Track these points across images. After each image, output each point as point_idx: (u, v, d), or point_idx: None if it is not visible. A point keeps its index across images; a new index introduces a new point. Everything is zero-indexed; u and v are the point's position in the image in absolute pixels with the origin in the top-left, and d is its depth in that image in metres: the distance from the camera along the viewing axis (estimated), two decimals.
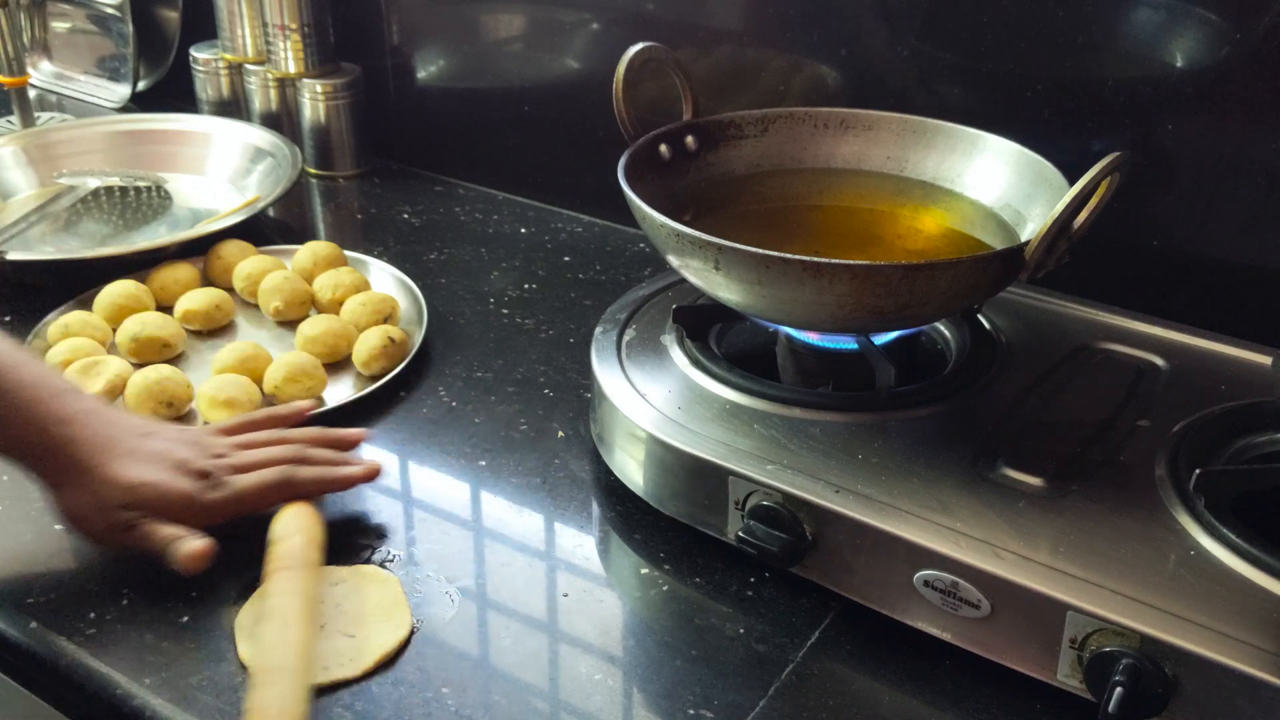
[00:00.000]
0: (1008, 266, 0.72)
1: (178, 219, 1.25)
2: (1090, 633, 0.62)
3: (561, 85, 1.25)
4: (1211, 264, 0.93)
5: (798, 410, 0.78)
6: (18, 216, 1.19)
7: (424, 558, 0.78)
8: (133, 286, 1.04)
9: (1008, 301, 0.90)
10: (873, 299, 0.71)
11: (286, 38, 1.32)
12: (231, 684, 0.67)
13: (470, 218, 1.27)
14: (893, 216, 0.89)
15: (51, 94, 1.62)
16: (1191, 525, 0.67)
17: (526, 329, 1.05)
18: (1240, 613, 0.61)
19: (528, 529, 0.81)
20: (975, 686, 0.67)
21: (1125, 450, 0.74)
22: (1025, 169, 0.85)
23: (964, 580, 0.65)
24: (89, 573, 0.76)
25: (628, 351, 0.85)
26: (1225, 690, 0.58)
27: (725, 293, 0.76)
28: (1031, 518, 0.68)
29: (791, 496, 0.71)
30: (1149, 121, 0.92)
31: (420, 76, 1.35)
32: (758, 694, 0.67)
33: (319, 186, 1.36)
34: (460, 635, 0.71)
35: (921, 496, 0.70)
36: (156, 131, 1.36)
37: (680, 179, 0.91)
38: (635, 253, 1.18)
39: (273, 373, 0.91)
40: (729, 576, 0.76)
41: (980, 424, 0.77)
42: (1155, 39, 0.90)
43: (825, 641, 0.71)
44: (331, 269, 1.07)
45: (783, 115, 0.94)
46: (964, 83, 1.00)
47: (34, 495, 0.83)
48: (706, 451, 0.74)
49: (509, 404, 0.94)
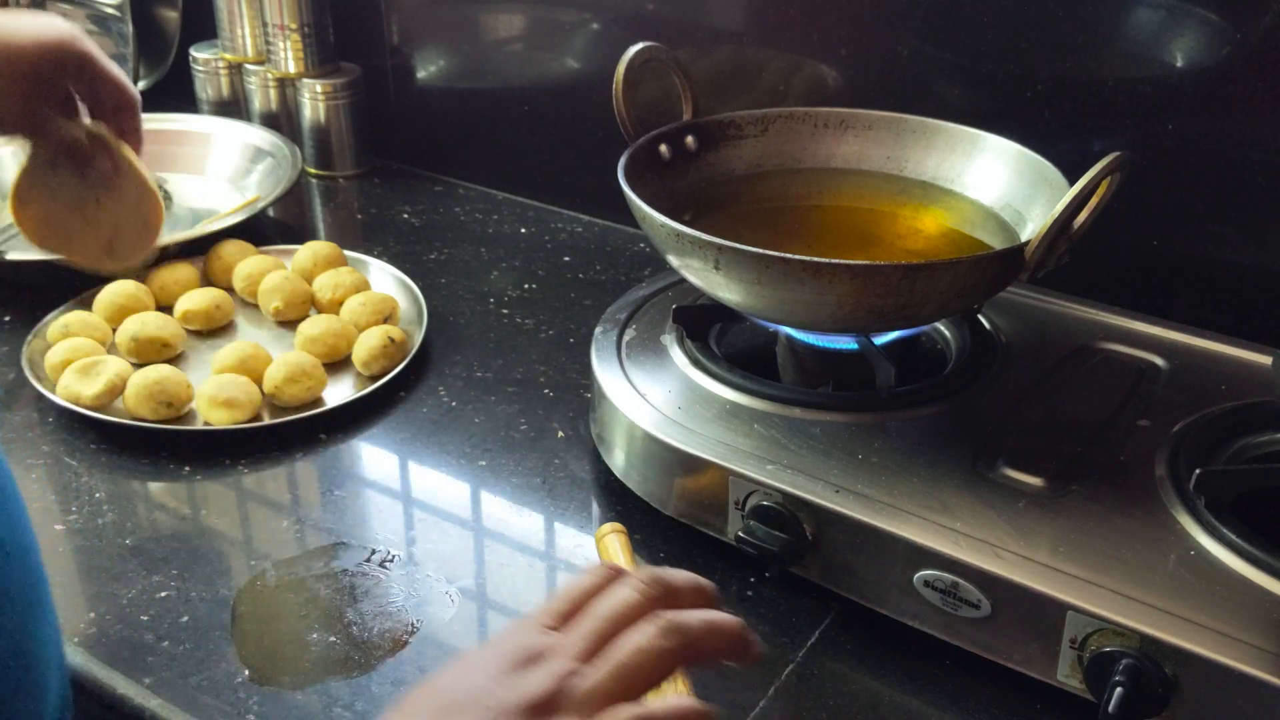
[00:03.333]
0: (1008, 266, 0.72)
1: (178, 219, 1.25)
2: (1090, 633, 0.62)
3: (561, 85, 1.25)
4: (1211, 264, 0.93)
5: (798, 410, 0.78)
6: None
7: (424, 558, 0.78)
8: (133, 286, 1.04)
9: (1008, 301, 0.90)
10: (873, 299, 0.71)
11: (286, 38, 1.31)
12: (231, 684, 0.67)
13: (470, 218, 1.27)
14: (892, 216, 0.89)
15: None
16: (1191, 525, 0.67)
17: (526, 329, 1.05)
18: (1240, 613, 0.61)
19: (528, 529, 0.81)
20: (975, 686, 0.67)
21: (1125, 450, 0.74)
22: (1025, 169, 0.85)
23: (964, 580, 0.65)
24: (89, 573, 0.76)
25: (628, 351, 0.85)
26: (1225, 690, 0.58)
27: (725, 293, 0.76)
28: (1031, 518, 0.68)
29: (791, 496, 0.71)
30: (1149, 121, 0.92)
31: (420, 76, 1.35)
32: (758, 694, 0.67)
33: (319, 186, 1.36)
34: (460, 635, 0.71)
35: (921, 496, 0.70)
36: (156, 131, 1.34)
37: (680, 179, 0.91)
38: (635, 253, 1.18)
39: (273, 373, 0.91)
40: (729, 576, 0.76)
41: (980, 424, 0.77)
42: (1155, 39, 0.90)
43: (825, 641, 0.71)
44: (331, 269, 1.07)
45: (783, 115, 0.94)
46: (964, 83, 1.00)
47: (32, 495, 0.83)
48: (706, 451, 0.74)
49: (509, 404, 0.94)
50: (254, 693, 0.67)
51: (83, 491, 0.84)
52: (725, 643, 0.50)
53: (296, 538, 0.79)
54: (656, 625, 0.49)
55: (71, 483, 0.85)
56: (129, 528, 0.81)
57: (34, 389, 0.92)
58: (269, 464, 0.87)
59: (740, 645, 0.51)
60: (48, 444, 0.89)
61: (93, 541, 0.79)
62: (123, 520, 0.81)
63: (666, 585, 0.52)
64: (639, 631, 0.49)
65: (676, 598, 0.51)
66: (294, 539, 0.79)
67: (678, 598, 0.52)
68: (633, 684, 0.48)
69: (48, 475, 0.86)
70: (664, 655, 0.48)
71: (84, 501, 0.83)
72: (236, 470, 0.86)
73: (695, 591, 0.53)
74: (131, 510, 0.83)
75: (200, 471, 0.86)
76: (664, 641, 0.48)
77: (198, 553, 0.79)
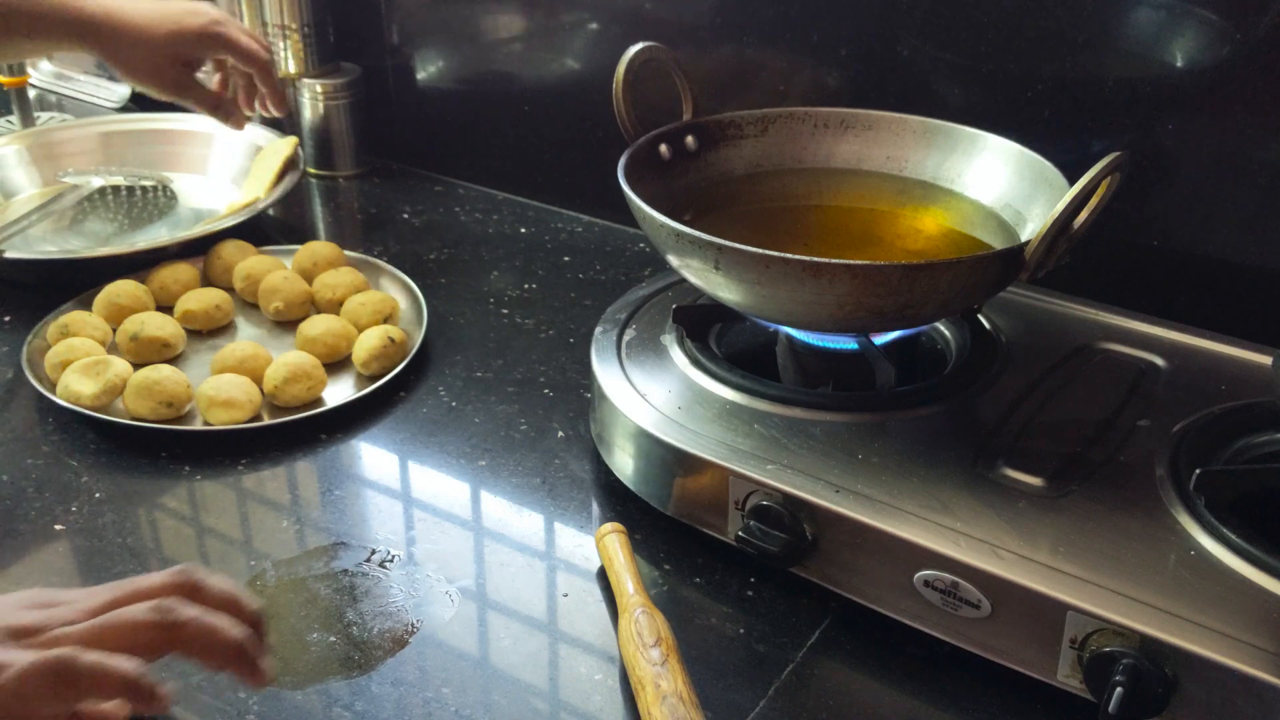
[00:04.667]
0: (1008, 266, 0.72)
1: (180, 219, 1.25)
2: (1090, 633, 0.62)
3: (561, 85, 1.25)
4: (1211, 264, 0.93)
5: (798, 410, 0.78)
6: (18, 215, 1.19)
7: (424, 558, 0.78)
8: (133, 286, 1.04)
9: (1008, 301, 0.90)
10: (873, 299, 0.71)
11: (286, 38, 1.31)
12: (231, 684, 0.67)
13: (470, 218, 1.27)
14: (893, 216, 0.89)
15: (51, 94, 1.62)
16: (1191, 525, 0.67)
17: (526, 329, 1.05)
18: (1240, 613, 0.61)
19: (527, 529, 0.81)
20: (975, 686, 0.67)
21: (1125, 450, 0.74)
22: (1025, 169, 0.85)
23: (964, 580, 0.65)
24: (89, 573, 0.76)
25: (628, 351, 0.85)
26: (1225, 690, 0.58)
27: (725, 293, 0.76)
28: (1031, 518, 0.68)
29: (791, 496, 0.71)
30: (1149, 121, 0.92)
31: (420, 76, 1.35)
32: (758, 694, 0.67)
33: (319, 186, 1.36)
34: (460, 635, 0.71)
35: (921, 496, 0.70)
36: (159, 131, 1.36)
37: (680, 179, 0.91)
38: (635, 253, 1.18)
39: (273, 373, 0.92)
40: (729, 576, 0.76)
41: (980, 424, 0.77)
42: (1155, 39, 0.90)
43: (825, 641, 0.71)
44: (331, 269, 1.07)
45: (783, 115, 0.94)
46: (964, 83, 1.00)
47: (31, 495, 0.83)
48: (706, 451, 0.74)
49: (509, 404, 0.94)
50: (254, 693, 0.67)
51: (83, 491, 0.84)
52: (218, 646, 0.55)
53: (296, 538, 0.79)
54: (152, 603, 0.55)
55: (71, 483, 0.85)
56: (129, 528, 0.81)
57: (34, 389, 0.92)
58: (269, 464, 0.87)
59: (234, 659, 0.56)
60: (48, 444, 0.89)
61: (93, 541, 0.79)
62: (123, 520, 0.81)
63: (194, 582, 0.57)
64: (136, 605, 0.55)
65: (198, 593, 0.57)
66: (294, 539, 0.79)
67: (200, 594, 0.57)
68: (105, 640, 0.53)
69: (48, 475, 0.86)
70: (142, 627, 0.54)
71: (84, 501, 0.83)
72: (236, 470, 0.86)
73: (224, 596, 0.58)
74: (131, 510, 0.83)
75: (200, 471, 0.86)
76: (150, 616, 0.54)
77: (197, 553, 0.78)
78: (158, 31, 1.02)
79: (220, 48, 1.06)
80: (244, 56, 1.08)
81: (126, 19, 1.02)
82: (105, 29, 1.01)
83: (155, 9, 1.03)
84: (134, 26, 1.02)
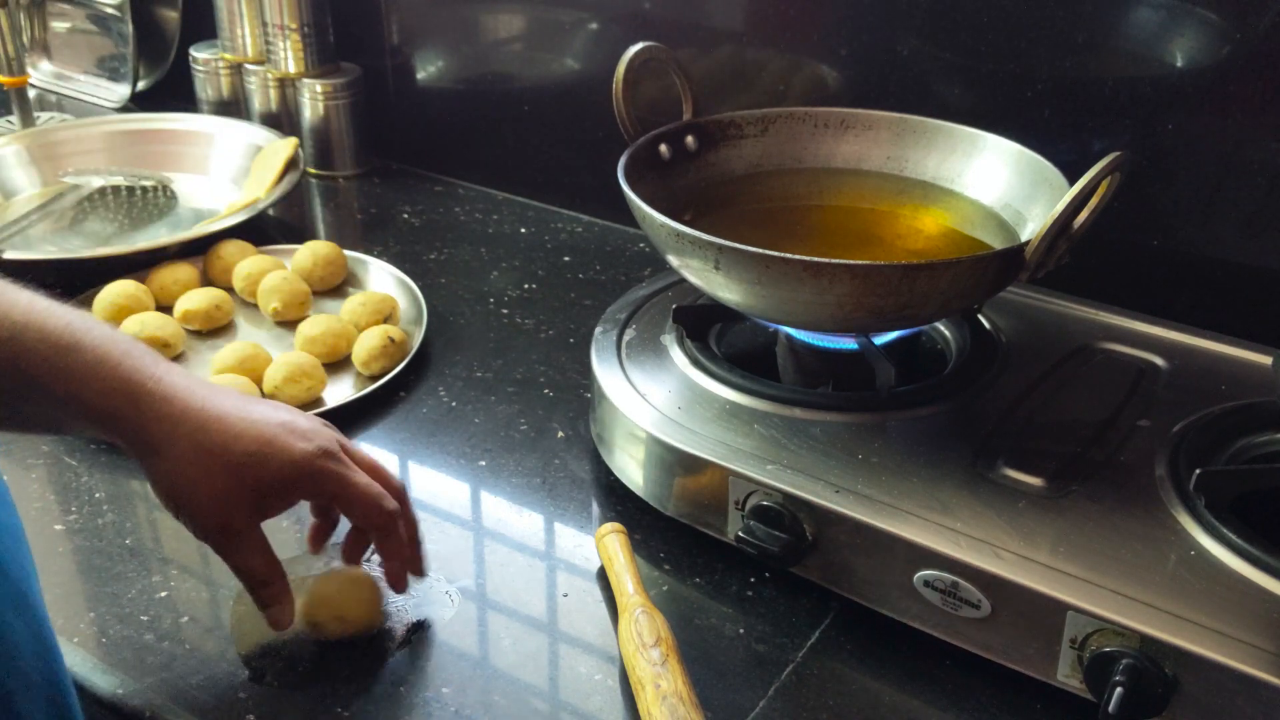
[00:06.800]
0: (1008, 266, 0.72)
1: (180, 219, 1.26)
2: (1090, 633, 0.62)
3: (561, 85, 1.25)
4: (1211, 264, 0.93)
5: (798, 410, 0.78)
6: (18, 215, 1.19)
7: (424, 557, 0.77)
8: (133, 286, 1.04)
9: (1008, 301, 0.90)
10: (873, 299, 0.71)
11: (286, 38, 1.32)
12: (231, 684, 0.67)
13: (470, 218, 1.27)
14: (893, 216, 0.89)
15: (51, 94, 1.62)
16: (1191, 525, 0.67)
17: (526, 329, 1.05)
18: (1240, 613, 0.61)
19: (527, 529, 0.81)
20: (975, 686, 0.67)
21: (1125, 450, 0.74)
22: (1025, 169, 0.85)
23: (964, 580, 0.65)
24: (88, 572, 0.76)
25: (628, 351, 0.85)
26: (1225, 690, 0.58)
27: (725, 293, 0.76)
28: (1031, 518, 0.68)
29: (791, 496, 0.71)
30: (1149, 121, 0.92)
31: (420, 76, 1.35)
32: (758, 694, 0.67)
33: (319, 186, 1.36)
34: (460, 635, 0.71)
35: (921, 496, 0.70)
36: (159, 131, 1.36)
37: (680, 179, 0.91)
38: (635, 253, 1.18)
39: (273, 373, 0.92)
40: (729, 576, 0.76)
41: (980, 424, 0.77)
42: (1155, 39, 0.90)
43: (825, 641, 0.71)
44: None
45: (783, 115, 0.94)
46: (964, 83, 1.00)
47: (31, 495, 0.83)
48: (706, 451, 0.74)
49: (509, 404, 0.94)
50: (254, 693, 0.67)
51: (83, 491, 0.84)
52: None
53: (297, 538, 0.79)
54: None
55: (71, 483, 0.85)
56: (129, 528, 0.81)
57: None
58: None
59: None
60: (48, 444, 0.89)
61: (93, 541, 0.79)
62: (123, 520, 0.81)
63: None
64: None
65: None
66: (294, 539, 0.79)
67: None
68: None
69: (48, 475, 0.86)
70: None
71: (84, 501, 0.83)
72: None
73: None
74: (131, 510, 0.83)
75: None
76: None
77: (198, 553, 0.78)
78: (246, 440, 0.65)
79: (334, 493, 0.68)
80: (364, 505, 0.69)
81: (211, 411, 0.65)
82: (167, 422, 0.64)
83: (247, 406, 0.67)
84: (222, 426, 0.65)
